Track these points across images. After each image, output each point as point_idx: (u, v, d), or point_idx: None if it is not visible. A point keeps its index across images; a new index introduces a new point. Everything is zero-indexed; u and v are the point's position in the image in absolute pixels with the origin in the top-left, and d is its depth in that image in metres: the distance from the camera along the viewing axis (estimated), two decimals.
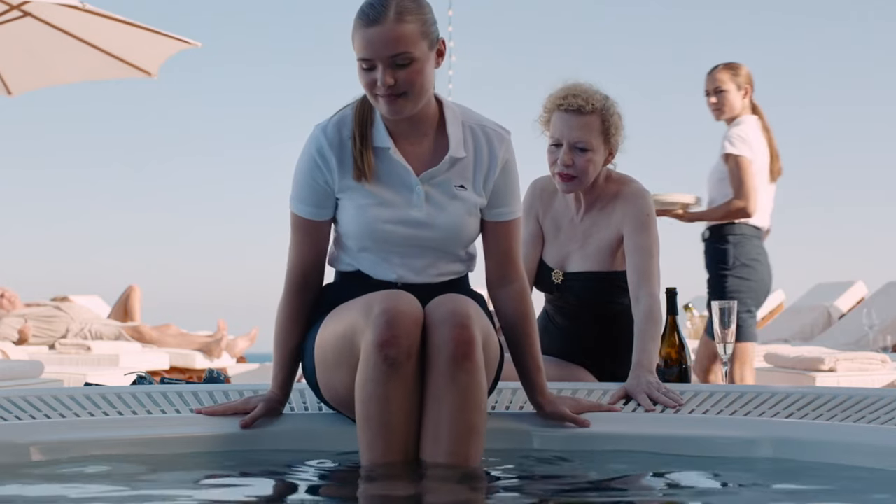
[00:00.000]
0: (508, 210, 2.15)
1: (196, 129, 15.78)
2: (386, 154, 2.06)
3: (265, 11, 15.92)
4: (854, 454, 1.92)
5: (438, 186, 2.08)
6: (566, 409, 2.16)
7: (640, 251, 2.71)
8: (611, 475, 1.94)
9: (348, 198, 2.07)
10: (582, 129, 2.71)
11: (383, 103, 1.98)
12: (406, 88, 1.97)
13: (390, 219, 2.05)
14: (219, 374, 3.03)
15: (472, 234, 2.13)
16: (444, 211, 2.08)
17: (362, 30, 1.95)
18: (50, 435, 2.06)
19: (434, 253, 2.10)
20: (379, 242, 2.07)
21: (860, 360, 4.77)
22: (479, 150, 2.09)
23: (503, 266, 2.16)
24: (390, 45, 1.93)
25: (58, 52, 6.50)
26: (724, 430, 2.09)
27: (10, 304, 6.93)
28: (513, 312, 2.16)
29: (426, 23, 1.98)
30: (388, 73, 1.95)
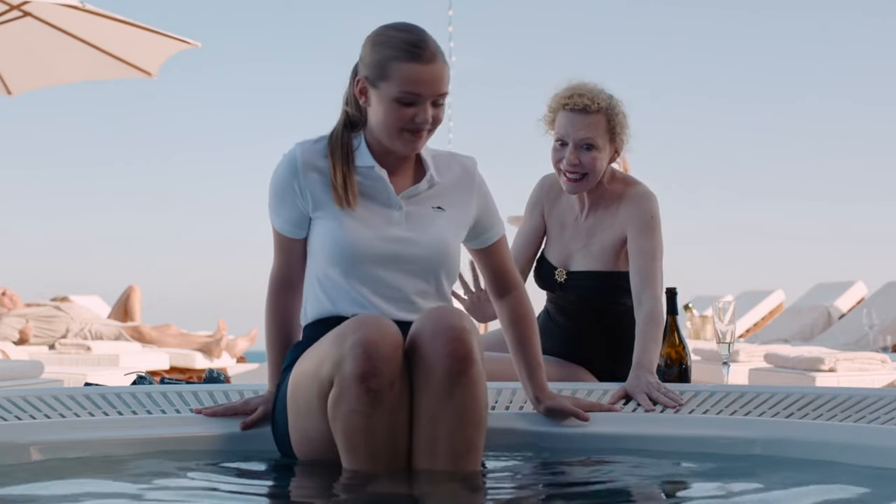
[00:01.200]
0: (493, 232, 2.19)
1: (196, 129, 15.78)
2: (369, 172, 2.05)
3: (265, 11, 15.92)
4: (854, 454, 1.92)
5: (418, 207, 2.07)
6: (567, 402, 2.17)
7: (643, 254, 2.71)
8: (610, 475, 1.94)
9: (324, 217, 2.04)
10: (588, 128, 2.72)
11: (409, 139, 2.00)
12: (434, 126, 2.02)
13: (370, 236, 2.02)
14: (219, 374, 3.04)
15: (455, 257, 2.10)
16: (427, 229, 2.06)
17: (412, 65, 1.96)
18: (50, 435, 2.06)
19: (416, 279, 2.04)
20: (356, 264, 2.00)
21: (860, 360, 4.77)
22: (453, 175, 2.13)
23: (500, 281, 2.21)
24: (441, 84, 1.99)
25: (58, 52, 6.50)
26: (724, 430, 2.09)
27: (12, 303, 6.93)
28: (513, 315, 2.21)
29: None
30: (430, 111, 1.99)
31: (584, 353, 2.88)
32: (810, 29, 13.90)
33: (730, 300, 2.94)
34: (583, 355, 2.88)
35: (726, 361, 2.93)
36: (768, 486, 1.74)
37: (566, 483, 1.89)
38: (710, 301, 8.69)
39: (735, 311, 2.90)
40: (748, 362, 5.43)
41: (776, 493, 1.69)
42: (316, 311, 2.06)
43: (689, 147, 14.36)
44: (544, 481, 1.91)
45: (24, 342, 6.64)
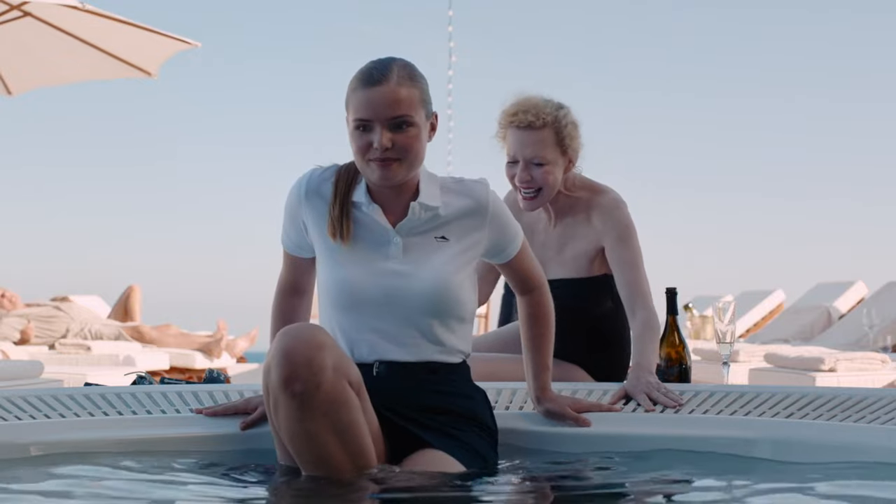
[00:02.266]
0: (512, 248, 2.10)
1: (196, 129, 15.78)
2: (364, 208, 2.00)
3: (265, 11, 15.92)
4: (854, 454, 1.92)
5: (418, 238, 2.00)
6: (567, 408, 2.17)
7: (625, 265, 2.71)
8: (610, 475, 1.94)
9: (321, 251, 2.03)
10: (536, 145, 2.70)
11: (375, 168, 1.93)
12: (401, 154, 1.92)
13: (364, 273, 1.98)
14: (219, 374, 3.03)
15: (457, 291, 1.99)
16: (426, 261, 1.99)
17: (362, 90, 1.92)
18: (50, 435, 2.06)
19: (414, 316, 1.97)
20: (351, 304, 1.97)
21: (860, 360, 4.77)
22: (462, 204, 2.03)
23: (523, 282, 2.17)
24: (392, 106, 1.90)
25: (58, 52, 6.50)
26: (724, 430, 2.09)
27: (11, 304, 6.93)
28: (532, 312, 2.18)
29: (426, 92, 1.97)
30: (386, 136, 1.90)
31: (567, 356, 2.86)
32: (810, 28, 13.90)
33: (730, 300, 2.94)
34: (567, 358, 2.87)
35: (726, 361, 2.93)
36: (768, 486, 1.74)
37: (565, 483, 1.89)
38: (710, 301, 8.69)
39: (735, 311, 2.90)
40: (748, 362, 5.43)
41: (776, 493, 1.69)
42: None
43: (689, 147, 14.36)
44: (543, 481, 1.91)
45: (26, 342, 6.64)
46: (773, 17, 14.05)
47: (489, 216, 2.04)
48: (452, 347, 2.01)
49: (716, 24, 14.45)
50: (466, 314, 2.02)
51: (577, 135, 2.75)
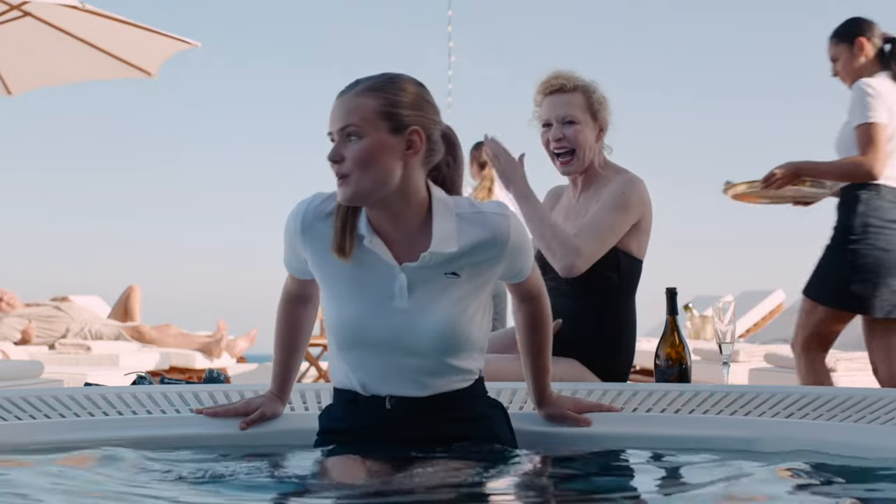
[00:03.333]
0: (523, 273, 2.03)
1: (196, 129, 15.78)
2: (363, 245, 1.90)
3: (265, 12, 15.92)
4: (854, 454, 1.92)
5: (425, 275, 1.89)
6: (567, 409, 2.17)
7: (594, 214, 2.82)
8: (609, 475, 1.94)
9: (325, 289, 1.97)
10: (566, 106, 2.90)
11: (336, 184, 1.85)
12: (349, 169, 1.81)
13: (370, 312, 1.90)
14: (219, 374, 3.04)
15: (473, 330, 1.93)
16: (432, 303, 1.89)
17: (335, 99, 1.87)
18: (50, 435, 2.06)
19: (418, 359, 1.91)
20: (360, 344, 1.91)
21: (860, 360, 4.77)
22: (479, 237, 1.90)
23: (523, 293, 2.11)
24: (342, 117, 1.82)
25: (58, 52, 6.51)
26: (724, 430, 2.09)
27: (10, 305, 6.93)
28: (530, 321, 2.13)
29: (395, 105, 1.83)
30: (338, 147, 1.82)
31: (574, 329, 2.89)
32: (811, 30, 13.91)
33: (730, 300, 2.94)
34: (574, 332, 2.90)
35: (726, 361, 2.93)
36: (768, 487, 1.74)
37: (565, 483, 1.89)
38: (710, 301, 8.68)
39: (735, 311, 2.90)
40: (748, 362, 5.43)
41: (776, 493, 1.69)
42: (334, 375, 2.03)
43: (689, 148, 14.37)
44: (543, 481, 1.91)
45: (27, 342, 6.64)
46: (772, 19, 14.06)
47: (507, 252, 1.92)
48: (466, 372, 1.97)
49: (715, 25, 14.46)
50: (479, 343, 1.97)
51: (607, 104, 2.92)
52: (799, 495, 1.64)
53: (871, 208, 3.63)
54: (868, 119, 3.61)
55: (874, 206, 3.63)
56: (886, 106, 3.63)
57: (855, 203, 3.65)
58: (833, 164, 3.73)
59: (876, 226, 3.62)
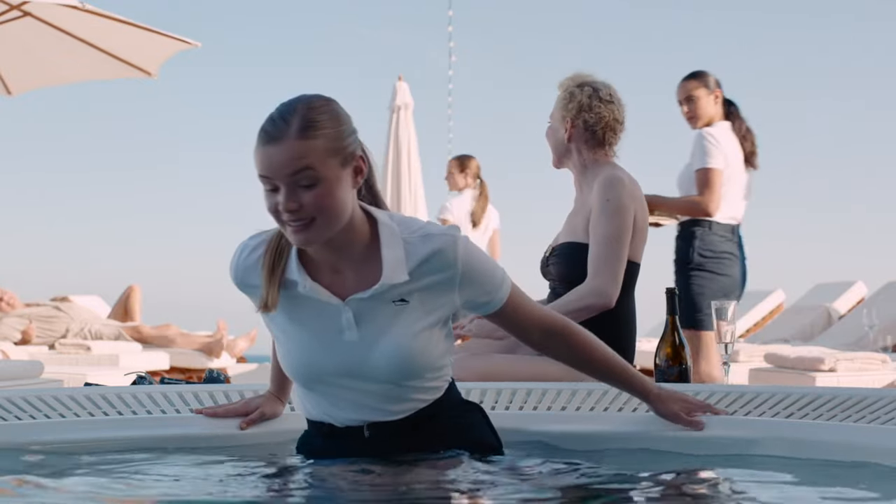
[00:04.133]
0: (495, 300, 1.90)
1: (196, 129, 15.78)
2: (296, 289, 1.82)
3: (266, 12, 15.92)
4: (854, 454, 1.92)
5: (372, 307, 1.82)
6: (678, 410, 2.09)
7: (593, 238, 2.92)
8: (610, 475, 1.94)
9: (275, 330, 1.91)
10: (553, 106, 3.15)
11: (290, 231, 1.74)
12: (317, 212, 1.71)
13: (320, 350, 1.84)
14: (219, 374, 3.04)
15: (429, 356, 1.85)
16: (384, 332, 1.82)
17: (261, 147, 1.72)
18: (50, 435, 2.06)
19: (376, 386, 1.85)
20: (319, 380, 1.87)
21: (860, 360, 4.78)
22: (429, 266, 1.82)
23: (523, 336, 2.00)
24: (291, 163, 1.69)
25: (58, 52, 6.51)
26: (724, 430, 2.09)
27: (9, 305, 6.93)
28: (566, 360, 2.04)
29: (338, 137, 1.74)
30: (292, 196, 1.71)
31: None
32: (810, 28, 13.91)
33: (730, 300, 2.94)
34: None
35: (726, 361, 2.93)
36: (768, 487, 1.74)
37: (565, 483, 1.89)
38: None
39: (735, 311, 2.90)
40: (748, 362, 5.44)
41: (776, 493, 1.69)
42: (303, 408, 1.98)
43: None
44: (543, 481, 1.91)
45: (27, 342, 6.64)
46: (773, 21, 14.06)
47: (459, 276, 1.82)
48: (433, 390, 1.91)
49: (715, 26, 14.45)
50: (440, 361, 1.89)
51: (576, 105, 3.05)
52: (799, 495, 1.64)
53: (704, 242, 4.27)
54: (707, 164, 4.24)
55: (707, 241, 4.28)
56: (724, 154, 4.26)
57: (691, 238, 4.28)
58: (676, 200, 4.31)
59: (708, 257, 4.26)
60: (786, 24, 14.00)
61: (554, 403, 2.30)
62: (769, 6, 13.81)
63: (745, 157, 4.39)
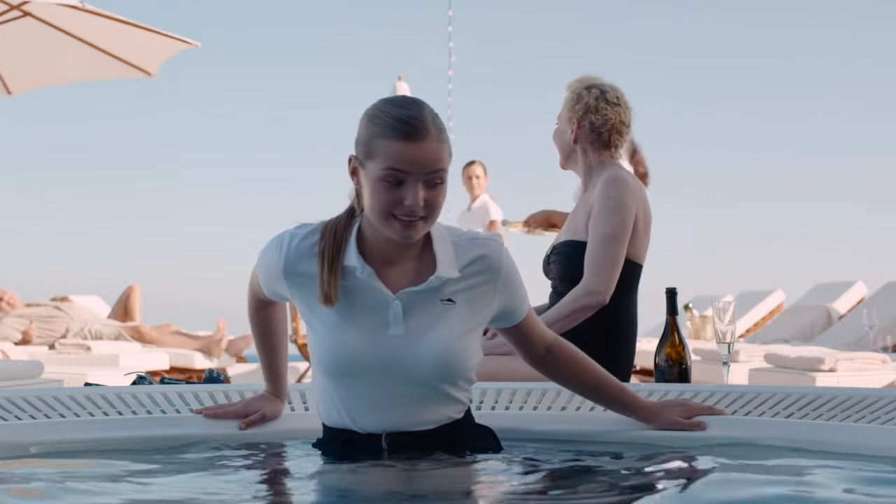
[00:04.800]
0: (518, 313, 1.98)
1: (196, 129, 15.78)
2: (355, 277, 1.86)
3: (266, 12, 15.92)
4: (854, 454, 1.92)
5: (421, 302, 1.86)
6: (676, 416, 2.09)
7: (592, 238, 2.94)
8: (610, 474, 1.94)
9: (313, 321, 1.90)
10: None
11: (400, 226, 1.80)
12: (429, 211, 1.80)
13: (365, 341, 1.85)
14: (219, 374, 3.04)
15: (460, 359, 1.88)
16: (429, 329, 1.85)
17: (402, 142, 1.77)
18: (50, 435, 2.06)
19: (414, 387, 1.87)
20: (353, 374, 1.86)
21: (860, 360, 4.77)
22: (474, 267, 1.90)
23: (529, 348, 2.04)
24: (433, 162, 1.78)
25: (58, 52, 6.51)
26: (724, 430, 2.09)
27: (10, 305, 6.93)
28: (560, 378, 2.09)
29: (451, 148, 1.86)
30: (421, 193, 1.78)
31: (572, 331, 2.93)
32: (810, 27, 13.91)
33: (730, 300, 2.94)
34: (572, 334, 2.92)
35: (726, 361, 2.93)
36: (768, 487, 1.74)
37: (564, 483, 1.89)
38: (710, 301, 8.67)
39: (735, 311, 2.90)
40: (748, 362, 5.43)
41: (776, 493, 1.69)
42: (323, 410, 1.97)
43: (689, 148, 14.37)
44: (542, 481, 1.91)
45: (27, 342, 6.64)
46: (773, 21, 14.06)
47: (501, 279, 1.92)
48: (459, 403, 1.94)
49: (715, 26, 14.46)
50: (472, 375, 1.94)
51: (583, 106, 3.07)
52: (799, 495, 1.64)
53: None
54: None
55: None
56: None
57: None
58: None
59: None
60: (786, 24, 14.00)
61: (554, 403, 2.30)
62: (769, 6, 13.81)
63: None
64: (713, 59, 14.55)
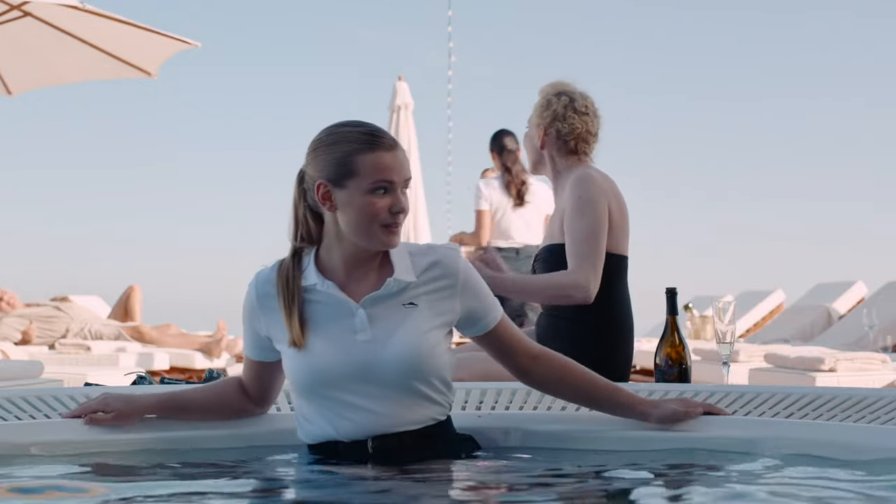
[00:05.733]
0: (490, 318, 2.02)
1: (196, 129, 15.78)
2: (316, 291, 1.93)
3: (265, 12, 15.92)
4: (854, 454, 1.92)
5: (384, 307, 1.92)
6: (676, 410, 2.08)
7: (570, 237, 2.94)
8: (609, 474, 1.94)
9: (286, 345, 1.94)
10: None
11: (385, 234, 1.90)
12: (405, 215, 1.93)
13: (334, 352, 1.90)
14: (219, 374, 3.03)
15: (429, 356, 1.91)
16: (395, 330, 1.91)
17: (385, 152, 1.88)
18: (50, 435, 2.05)
19: (388, 389, 1.90)
20: (329, 386, 1.90)
21: (860, 360, 4.77)
22: (432, 273, 1.96)
23: (514, 359, 2.06)
24: (408, 168, 1.93)
25: (58, 52, 6.50)
26: (724, 430, 2.09)
27: (10, 305, 6.93)
28: (549, 388, 2.11)
29: None
30: (403, 198, 1.91)
31: (565, 329, 2.97)
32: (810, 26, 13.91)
33: (730, 300, 2.94)
34: (565, 331, 2.97)
35: (726, 361, 2.93)
36: (768, 487, 1.74)
37: (563, 483, 1.89)
38: (710, 301, 8.68)
39: (735, 311, 2.90)
40: (748, 362, 5.44)
41: (776, 493, 1.69)
42: (307, 431, 1.99)
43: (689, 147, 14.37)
44: (542, 481, 1.91)
45: (27, 343, 6.64)
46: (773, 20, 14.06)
47: (460, 283, 1.97)
48: (437, 404, 1.96)
49: (716, 26, 14.45)
50: (447, 376, 1.97)
51: (551, 113, 3.09)
52: (799, 495, 1.64)
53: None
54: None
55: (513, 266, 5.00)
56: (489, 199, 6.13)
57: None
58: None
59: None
60: (785, 24, 14.00)
61: (554, 403, 2.30)
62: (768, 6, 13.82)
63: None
64: (713, 58, 14.55)
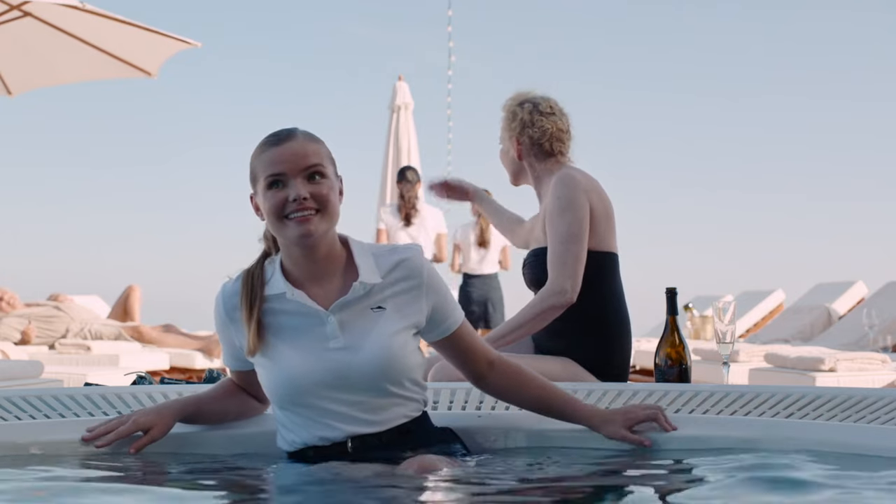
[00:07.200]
0: (451, 321, 2.04)
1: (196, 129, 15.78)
2: (285, 300, 1.94)
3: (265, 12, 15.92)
4: (854, 454, 1.92)
5: (352, 313, 1.94)
6: (620, 428, 2.07)
7: (551, 239, 2.94)
8: (609, 474, 1.94)
9: (259, 356, 1.96)
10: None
11: (294, 225, 1.88)
12: (321, 204, 1.89)
13: (308, 360, 1.91)
14: (219, 374, 3.04)
15: (401, 357, 1.94)
16: (367, 334, 1.93)
17: (271, 148, 1.91)
18: (50, 435, 2.06)
19: (363, 393, 1.93)
20: (304, 395, 1.92)
21: (860, 360, 4.77)
22: (397, 274, 1.98)
23: (472, 364, 2.09)
24: (305, 157, 1.90)
25: (58, 52, 6.51)
26: (724, 430, 2.09)
27: (10, 305, 6.93)
28: (505, 394, 2.13)
29: (329, 152, 1.97)
30: (303, 187, 1.89)
31: (560, 330, 2.96)
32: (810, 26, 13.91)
33: (730, 300, 2.94)
34: (560, 332, 2.97)
35: (726, 361, 2.93)
36: (768, 487, 1.74)
37: (564, 483, 1.89)
38: (710, 301, 8.69)
39: (735, 311, 2.90)
40: (748, 362, 5.44)
41: (776, 493, 1.69)
42: (287, 441, 2.00)
43: (689, 146, 14.37)
44: (542, 481, 1.91)
45: (27, 343, 6.64)
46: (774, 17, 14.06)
47: (425, 283, 1.99)
48: (411, 401, 1.98)
49: (716, 24, 14.46)
50: (418, 377, 1.99)
51: (518, 123, 3.10)
52: (799, 495, 1.64)
53: None
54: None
55: None
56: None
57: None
58: None
59: None
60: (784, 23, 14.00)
61: None
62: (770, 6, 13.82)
63: None
64: (714, 58, 14.55)
